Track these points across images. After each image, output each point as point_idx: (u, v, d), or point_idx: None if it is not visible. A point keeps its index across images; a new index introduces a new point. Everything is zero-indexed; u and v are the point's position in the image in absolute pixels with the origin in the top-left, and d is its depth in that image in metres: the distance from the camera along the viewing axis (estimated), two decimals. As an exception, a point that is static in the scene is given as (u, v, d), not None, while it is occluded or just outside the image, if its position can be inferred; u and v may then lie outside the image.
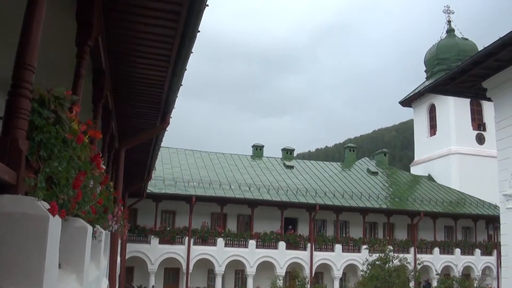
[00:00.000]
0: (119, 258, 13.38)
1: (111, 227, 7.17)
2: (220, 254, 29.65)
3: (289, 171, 38.05)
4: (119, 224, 8.67)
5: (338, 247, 32.12)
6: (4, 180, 2.10)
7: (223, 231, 30.45)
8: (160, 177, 30.44)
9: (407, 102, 48.15)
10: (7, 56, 3.33)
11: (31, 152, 2.31)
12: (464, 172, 39.98)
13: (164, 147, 31.52)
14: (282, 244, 30.95)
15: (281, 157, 42.22)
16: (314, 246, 31.63)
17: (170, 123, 10.97)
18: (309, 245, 31.61)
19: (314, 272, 31.34)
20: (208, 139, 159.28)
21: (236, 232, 31.05)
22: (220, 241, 29.92)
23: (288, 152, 42.94)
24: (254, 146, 42.30)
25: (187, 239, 29.27)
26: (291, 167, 38.95)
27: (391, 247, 29.69)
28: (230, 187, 31.80)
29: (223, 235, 30.16)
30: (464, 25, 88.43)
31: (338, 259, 31.87)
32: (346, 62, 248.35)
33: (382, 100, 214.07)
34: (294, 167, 39.17)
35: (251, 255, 30.23)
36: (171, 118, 10.81)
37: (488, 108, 38.30)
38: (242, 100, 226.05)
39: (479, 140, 41.73)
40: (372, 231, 35.42)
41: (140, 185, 21.39)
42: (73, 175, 2.73)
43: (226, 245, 30.08)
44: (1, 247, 2.06)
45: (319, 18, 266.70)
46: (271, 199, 31.44)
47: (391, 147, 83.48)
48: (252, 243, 30.41)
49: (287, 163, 40.01)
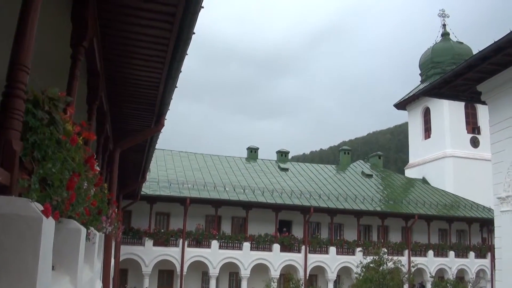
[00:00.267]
0: (113, 260, 13.33)
1: (105, 229, 7.16)
2: (214, 256, 29.60)
3: (283, 173, 38.10)
4: (113, 226, 8.65)
5: (333, 249, 32.13)
6: (-2, 181, 2.09)
7: (217, 233, 30.41)
8: (154, 179, 30.39)
9: (402, 105, 48.34)
10: (1, 57, 3.31)
11: (25, 153, 2.30)
12: (459, 175, 40.15)
13: (159, 149, 31.51)
14: (276, 247, 30.93)
15: (275, 159, 42.26)
16: (308, 248, 31.63)
17: (165, 125, 10.95)
18: (303, 247, 31.61)
19: (308, 275, 31.32)
20: (202, 141, 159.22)
21: (230, 234, 31.04)
22: (215, 243, 29.86)
23: (283, 155, 42.99)
24: (249, 149, 42.25)
25: (181, 241, 29.20)
26: (285, 170, 39.00)
27: (385, 250, 29.86)
28: (225, 189, 31.77)
29: (217, 237, 30.11)
30: (459, 28, 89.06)
31: (332, 261, 31.89)
32: (341, 64, 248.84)
33: (377, 103, 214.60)
34: (289, 170, 39.24)
35: (246, 258, 30.19)
36: (166, 120, 10.80)
37: (482, 112, 38.45)
38: (237, 102, 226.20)
39: (474, 143, 41.91)
40: (366, 234, 35.47)
41: (134, 187, 21.35)
42: (67, 177, 2.72)
43: (221, 247, 30.04)
44: (-6, 249, 2.05)
45: (313, 20, 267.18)
46: (265, 201, 31.43)
47: (386, 150, 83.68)
48: (246, 245, 30.38)
49: (282, 165, 40.04)
